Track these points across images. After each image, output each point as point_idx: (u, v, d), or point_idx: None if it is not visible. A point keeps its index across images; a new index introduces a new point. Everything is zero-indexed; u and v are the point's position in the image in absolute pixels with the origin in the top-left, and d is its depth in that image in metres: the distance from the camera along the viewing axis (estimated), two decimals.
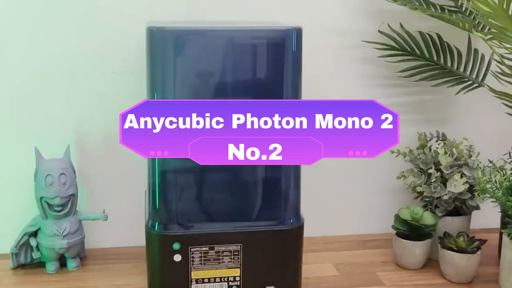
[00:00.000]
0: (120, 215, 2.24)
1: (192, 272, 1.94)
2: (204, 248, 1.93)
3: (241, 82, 1.90)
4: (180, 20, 2.21)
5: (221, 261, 1.95)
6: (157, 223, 1.92)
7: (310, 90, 2.25)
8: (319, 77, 2.34)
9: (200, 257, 1.93)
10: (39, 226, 2.16)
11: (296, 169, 1.98)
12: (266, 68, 1.89)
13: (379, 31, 2.32)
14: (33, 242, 2.15)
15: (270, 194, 1.99)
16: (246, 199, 1.99)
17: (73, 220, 2.16)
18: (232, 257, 1.95)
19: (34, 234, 2.17)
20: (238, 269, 1.96)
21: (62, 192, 2.11)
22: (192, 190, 1.96)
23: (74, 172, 2.17)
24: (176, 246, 1.92)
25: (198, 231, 1.94)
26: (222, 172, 1.95)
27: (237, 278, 1.97)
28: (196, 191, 1.96)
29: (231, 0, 2.25)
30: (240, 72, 1.88)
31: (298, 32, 1.87)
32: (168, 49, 1.84)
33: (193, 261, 1.93)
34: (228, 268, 1.95)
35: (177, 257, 1.92)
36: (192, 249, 1.93)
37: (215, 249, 1.94)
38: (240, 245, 1.95)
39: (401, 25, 2.32)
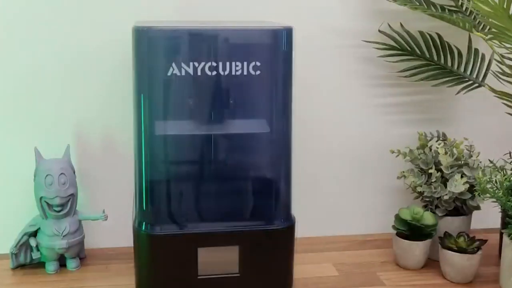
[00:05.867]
0: (120, 215, 2.20)
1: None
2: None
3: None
4: (172, 19, 2.20)
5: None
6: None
7: (309, 89, 2.28)
8: (318, 76, 2.34)
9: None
10: (39, 226, 2.15)
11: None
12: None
13: (379, 30, 2.31)
14: (32, 242, 2.14)
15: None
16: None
17: (73, 220, 2.15)
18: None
19: (34, 234, 2.16)
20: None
21: (61, 192, 2.10)
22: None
23: (74, 172, 2.16)
24: None
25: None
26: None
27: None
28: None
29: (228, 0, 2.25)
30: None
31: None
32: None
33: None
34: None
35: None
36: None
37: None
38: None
39: (402, 25, 2.31)
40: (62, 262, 2.18)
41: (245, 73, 1.87)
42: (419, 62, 2.32)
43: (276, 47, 1.89)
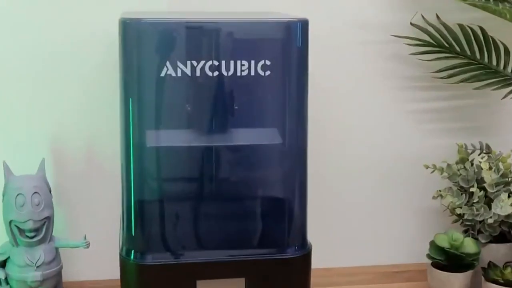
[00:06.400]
0: (105, 242, 2.19)
1: None
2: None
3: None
4: (167, 10, 2.19)
5: None
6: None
7: (328, 93, 2.29)
8: (340, 77, 2.32)
9: None
10: (8, 255, 2.12)
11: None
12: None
13: (411, 23, 2.29)
14: (1, 274, 2.12)
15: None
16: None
17: (49, 248, 2.12)
18: None
19: (2, 264, 2.13)
20: None
21: (35, 215, 2.06)
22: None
23: (50, 191, 2.12)
24: None
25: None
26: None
27: None
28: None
29: None
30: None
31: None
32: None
33: None
34: None
35: None
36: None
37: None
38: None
39: (438, 17, 2.29)
40: None
41: (252, 73, 1.86)
42: (458, 61, 2.31)
43: (288, 43, 1.89)
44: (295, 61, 1.88)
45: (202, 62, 1.83)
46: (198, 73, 1.83)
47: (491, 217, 2.17)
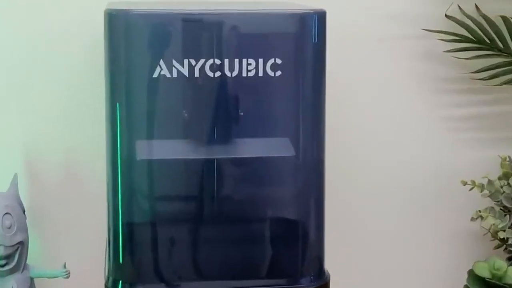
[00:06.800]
0: (87, 271, 2.17)
1: None
2: None
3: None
4: (156, 0, 2.18)
5: None
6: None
7: (349, 97, 2.31)
8: (362, 78, 2.33)
9: None
10: None
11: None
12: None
13: (446, 15, 2.28)
14: None
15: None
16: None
17: (22, 278, 2.11)
18: None
19: None
20: None
21: (6, 240, 2.04)
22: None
23: (24, 212, 2.12)
24: None
25: None
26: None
27: None
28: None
29: None
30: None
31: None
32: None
33: None
34: None
35: None
36: None
37: None
38: None
39: (477, 7, 2.29)
40: None
41: (260, 74, 1.84)
42: (501, 59, 2.29)
43: (303, 38, 1.87)
44: (311, 59, 1.87)
45: (202, 61, 1.81)
46: (197, 74, 1.81)
47: None
